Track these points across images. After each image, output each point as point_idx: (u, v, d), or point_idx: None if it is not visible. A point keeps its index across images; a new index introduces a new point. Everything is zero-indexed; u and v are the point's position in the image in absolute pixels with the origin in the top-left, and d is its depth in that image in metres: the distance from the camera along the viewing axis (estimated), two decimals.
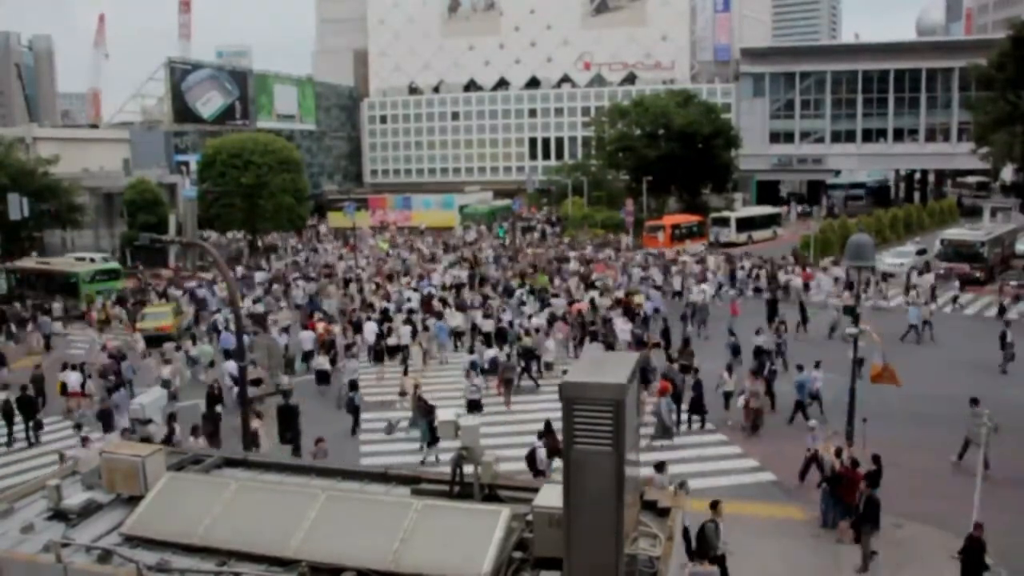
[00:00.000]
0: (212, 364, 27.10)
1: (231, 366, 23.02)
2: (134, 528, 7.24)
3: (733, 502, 15.75)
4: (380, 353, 28.64)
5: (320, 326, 29.83)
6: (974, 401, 17.69)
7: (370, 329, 29.37)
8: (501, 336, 28.62)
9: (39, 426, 22.46)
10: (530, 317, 30.23)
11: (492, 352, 25.88)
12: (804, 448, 17.59)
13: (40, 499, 7.99)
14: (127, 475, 7.81)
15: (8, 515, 7.73)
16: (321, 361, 25.93)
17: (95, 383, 24.89)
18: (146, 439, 15.92)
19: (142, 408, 17.38)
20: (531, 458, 17.09)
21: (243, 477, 8.40)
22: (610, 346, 26.17)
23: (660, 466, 15.04)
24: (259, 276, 45.68)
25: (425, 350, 28.08)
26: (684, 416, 21.49)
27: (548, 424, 17.52)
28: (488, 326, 29.57)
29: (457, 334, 30.68)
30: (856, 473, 15.21)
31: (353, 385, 22.64)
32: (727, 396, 21.81)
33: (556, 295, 34.64)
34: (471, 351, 26.78)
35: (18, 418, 22.39)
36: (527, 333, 27.21)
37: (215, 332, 31.39)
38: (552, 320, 29.21)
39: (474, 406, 21.50)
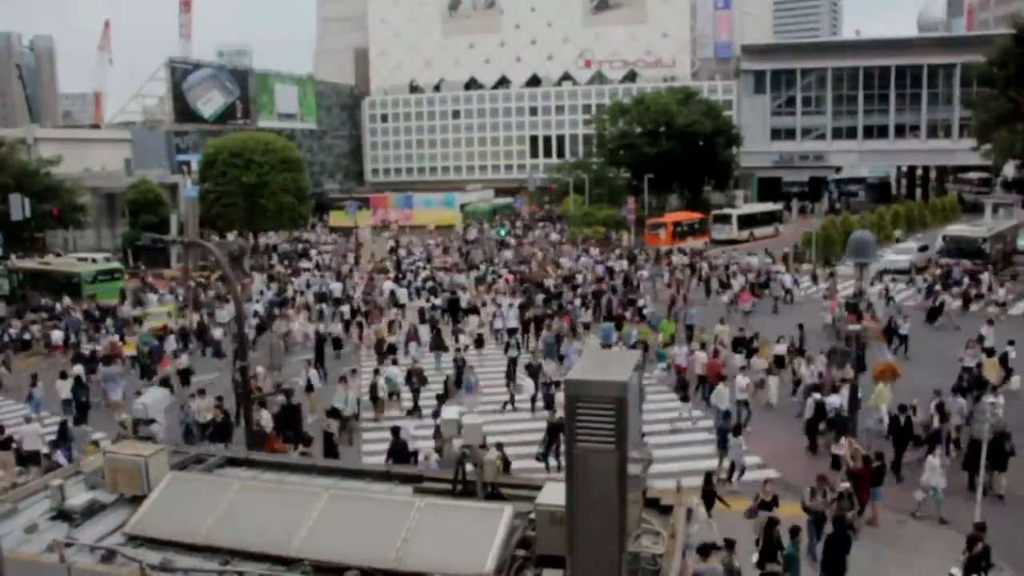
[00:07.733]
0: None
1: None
2: (137, 528, 7.25)
3: (736, 499, 15.77)
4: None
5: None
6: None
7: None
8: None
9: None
10: None
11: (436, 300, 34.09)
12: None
13: (44, 499, 8.00)
14: (130, 475, 7.83)
15: (12, 515, 7.74)
16: None
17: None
18: (148, 439, 15.91)
19: (145, 408, 17.29)
20: None
21: (246, 476, 8.42)
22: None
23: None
24: (305, 263, 49.36)
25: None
26: None
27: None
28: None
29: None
30: (867, 470, 15.28)
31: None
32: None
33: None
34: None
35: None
36: None
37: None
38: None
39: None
